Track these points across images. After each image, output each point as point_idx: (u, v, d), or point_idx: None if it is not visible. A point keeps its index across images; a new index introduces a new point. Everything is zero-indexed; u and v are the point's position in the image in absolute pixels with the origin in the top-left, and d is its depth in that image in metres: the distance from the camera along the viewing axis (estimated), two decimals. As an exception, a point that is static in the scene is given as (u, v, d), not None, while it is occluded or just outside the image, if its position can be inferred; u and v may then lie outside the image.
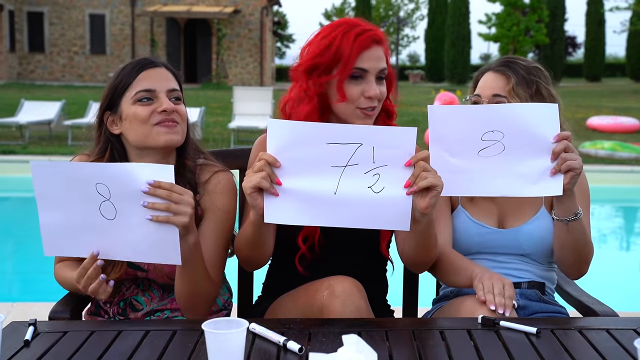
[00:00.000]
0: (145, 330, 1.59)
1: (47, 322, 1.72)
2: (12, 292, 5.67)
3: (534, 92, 1.99)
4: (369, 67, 1.80)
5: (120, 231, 1.61)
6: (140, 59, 1.88)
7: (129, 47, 29.56)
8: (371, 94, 1.79)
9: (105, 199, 1.60)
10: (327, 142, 1.56)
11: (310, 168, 1.58)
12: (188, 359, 1.43)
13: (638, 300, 5.21)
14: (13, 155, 10.62)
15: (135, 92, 1.81)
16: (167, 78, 1.86)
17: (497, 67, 2.04)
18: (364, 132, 1.57)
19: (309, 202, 1.59)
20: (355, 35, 1.79)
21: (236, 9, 28.86)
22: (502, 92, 1.99)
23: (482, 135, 1.71)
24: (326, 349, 1.39)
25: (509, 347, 1.50)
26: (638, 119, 15.18)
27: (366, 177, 1.57)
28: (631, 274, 6.44)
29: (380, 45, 1.84)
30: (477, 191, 1.79)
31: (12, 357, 1.44)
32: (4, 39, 28.30)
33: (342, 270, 1.79)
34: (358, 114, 1.82)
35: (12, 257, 6.85)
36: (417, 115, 16.56)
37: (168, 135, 1.80)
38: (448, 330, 1.60)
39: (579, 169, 1.70)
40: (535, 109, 1.74)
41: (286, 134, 1.58)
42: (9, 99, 17.07)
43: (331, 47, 1.80)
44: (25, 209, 9.08)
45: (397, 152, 1.56)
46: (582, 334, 1.58)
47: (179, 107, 1.84)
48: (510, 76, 1.99)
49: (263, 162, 1.56)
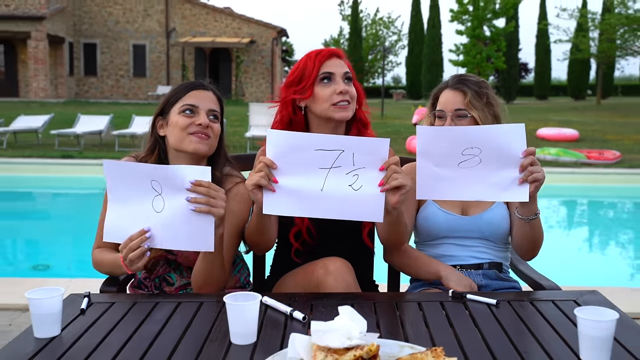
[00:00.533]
0: (177, 302, 1.59)
1: (99, 294, 1.73)
2: (70, 269, 5.68)
3: (485, 102, 1.98)
4: (334, 71, 1.85)
5: (165, 222, 1.60)
6: (195, 81, 1.89)
7: (164, 71, 29.56)
8: (341, 89, 1.81)
9: (158, 194, 1.60)
10: (315, 148, 1.56)
11: (301, 169, 1.58)
12: (212, 326, 1.43)
13: (577, 276, 5.22)
14: (71, 159, 10.62)
15: (182, 104, 1.82)
16: (211, 100, 1.86)
17: (454, 85, 2.01)
18: (346, 141, 1.57)
19: (300, 197, 1.59)
20: (316, 54, 1.87)
21: (252, 40, 28.85)
22: (462, 106, 1.97)
23: (462, 151, 1.67)
24: (325, 317, 1.39)
25: (474, 315, 1.50)
26: (577, 130, 15.17)
27: (347, 177, 1.57)
28: (572, 255, 6.45)
29: (340, 58, 1.89)
30: (456, 196, 1.76)
31: (70, 323, 1.45)
32: (65, 65, 28.30)
33: (333, 255, 1.78)
34: (333, 109, 1.82)
35: (71, 242, 6.86)
36: (399, 127, 16.55)
37: (198, 144, 1.80)
38: (424, 302, 1.60)
39: (542, 180, 1.67)
40: (506, 129, 1.69)
41: (282, 142, 1.58)
42: (68, 114, 17.05)
43: (299, 68, 1.87)
44: (81, 202, 9.09)
45: (373, 157, 1.56)
46: (532, 304, 1.58)
47: (214, 124, 1.84)
48: (466, 91, 1.97)
49: (262, 164, 1.57)
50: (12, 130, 12.29)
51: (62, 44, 27.98)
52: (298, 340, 1.16)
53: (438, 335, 1.37)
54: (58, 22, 27.61)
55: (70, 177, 9.93)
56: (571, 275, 5.16)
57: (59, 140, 12.02)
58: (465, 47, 29.43)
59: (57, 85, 28.01)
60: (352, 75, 1.89)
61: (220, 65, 29.72)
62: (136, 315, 1.50)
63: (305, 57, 1.89)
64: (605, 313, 1.24)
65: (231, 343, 1.32)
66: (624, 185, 9.99)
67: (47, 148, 11.79)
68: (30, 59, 26.40)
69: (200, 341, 1.34)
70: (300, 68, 1.87)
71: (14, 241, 7.06)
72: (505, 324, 1.44)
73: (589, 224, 8.46)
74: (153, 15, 29.54)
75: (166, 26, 29.40)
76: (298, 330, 1.36)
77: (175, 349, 1.31)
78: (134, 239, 1.61)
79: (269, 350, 1.27)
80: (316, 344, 1.14)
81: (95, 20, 29.53)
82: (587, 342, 1.23)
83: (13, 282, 3.93)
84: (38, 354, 1.28)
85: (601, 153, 11.36)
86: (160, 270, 1.91)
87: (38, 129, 12.50)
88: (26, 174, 10.04)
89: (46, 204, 9.33)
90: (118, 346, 1.32)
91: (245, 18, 29.58)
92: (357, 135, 1.90)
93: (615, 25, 28.12)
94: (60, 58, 28.05)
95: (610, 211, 9.13)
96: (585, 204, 9.49)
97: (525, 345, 1.32)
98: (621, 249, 7.24)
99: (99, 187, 2.23)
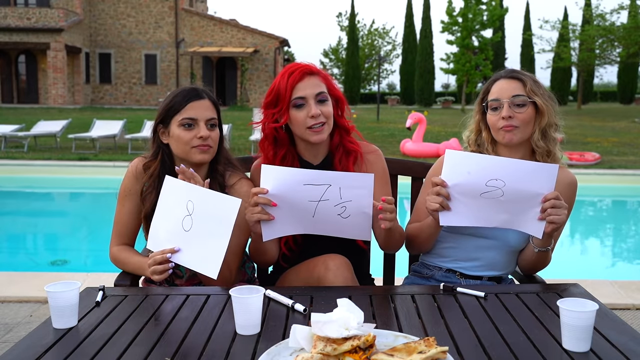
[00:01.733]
0: (186, 295, 1.59)
1: (113, 287, 1.72)
2: (87, 264, 5.68)
3: (545, 91, 1.81)
4: (306, 94, 1.77)
5: (188, 241, 1.62)
6: (190, 89, 1.85)
7: (174, 79, 29.52)
8: (313, 113, 1.76)
9: (189, 214, 1.61)
10: (303, 183, 1.55)
11: (292, 201, 1.58)
12: (219, 317, 1.43)
13: (560, 270, 5.20)
14: (87, 161, 10.61)
15: (182, 118, 1.80)
16: (208, 108, 1.83)
17: (509, 75, 1.82)
18: (333, 176, 1.56)
19: (293, 222, 1.62)
20: (289, 74, 1.78)
21: (256, 49, 28.82)
22: (522, 92, 1.78)
23: (486, 182, 1.59)
24: (324, 309, 1.39)
25: (463, 307, 1.50)
26: (562, 133, 15.12)
27: (336, 208, 1.57)
28: (555, 250, 6.42)
29: (313, 75, 1.80)
30: (474, 223, 1.67)
31: (86, 314, 1.44)
32: (81, 74, 28.28)
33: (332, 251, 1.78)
34: (309, 133, 1.79)
35: (87, 239, 6.85)
36: (394, 130, 16.55)
37: (202, 155, 1.80)
38: (417, 295, 1.59)
39: (559, 224, 1.59)
40: (539, 167, 1.57)
41: (273, 176, 1.57)
42: (84, 119, 17.04)
43: (274, 89, 1.81)
44: (97, 202, 9.09)
45: (360, 191, 1.55)
46: (518, 296, 1.57)
47: (213, 132, 1.83)
48: (525, 80, 1.79)
49: (257, 197, 1.57)
50: (33, 135, 12.27)
51: (79, 53, 27.98)
52: (299, 330, 1.16)
53: (430, 326, 1.37)
54: (75, 33, 27.60)
55: (87, 178, 9.92)
56: (554, 269, 5.14)
57: (75, 144, 12.00)
58: (455, 56, 29.44)
59: (74, 93, 28.00)
60: (326, 90, 1.80)
61: (226, 73, 29.72)
62: (148, 307, 1.50)
63: (279, 77, 1.81)
64: (585, 304, 1.24)
65: (236, 333, 1.32)
66: (603, 184, 9.97)
67: (65, 151, 11.77)
68: (49, 68, 26.42)
69: (207, 332, 1.34)
70: (275, 90, 1.79)
71: (34, 238, 7.06)
72: (492, 315, 1.44)
73: (571, 222, 8.42)
74: (164, 26, 29.53)
75: (176, 37, 29.38)
76: (299, 321, 1.37)
77: (184, 339, 1.31)
78: (164, 253, 1.64)
79: (272, 340, 1.27)
80: (316, 334, 1.14)
81: (109, 31, 29.51)
82: (569, 331, 1.23)
83: (33, 276, 3.93)
84: (57, 344, 1.28)
85: (582, 155, 11.34)
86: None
87: (57, 133, 12.48)
88: (45, 175, 10.03)
89: (64, 203, 9.32)
90: (131, 336, 1.32)
91: (249, 29, 29.55)
92: (339, 142, 1.87)
93: (594, 36, 28.12)
94: (77, 67, 28.05)
95: (590, 209, 9.12)
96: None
97: (511, 334, 1.32)
98: (601, 244, 7.24)
99: (113, 188, 2.23)
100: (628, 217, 8.77)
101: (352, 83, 36.78)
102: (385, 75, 48.33)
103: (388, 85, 63.05)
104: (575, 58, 31.93)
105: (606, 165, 10.85)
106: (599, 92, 45.17)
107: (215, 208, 1.57)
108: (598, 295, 1.64)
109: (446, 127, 17.85)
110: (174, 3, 29.28)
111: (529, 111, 1.79)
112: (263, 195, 1.57)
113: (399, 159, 2.21)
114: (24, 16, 26.45)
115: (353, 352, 1.11)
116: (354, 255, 1.86)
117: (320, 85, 1.80)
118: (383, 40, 44.35)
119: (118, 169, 10.02)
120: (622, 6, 27.75)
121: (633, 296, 3.58)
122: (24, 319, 3.20)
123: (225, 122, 13.36)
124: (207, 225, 1.58)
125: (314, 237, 1.69)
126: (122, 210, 1.89)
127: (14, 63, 27.83)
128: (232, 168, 1.91)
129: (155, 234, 1.71)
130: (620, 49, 28.34)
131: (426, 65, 34.63)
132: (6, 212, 8.14)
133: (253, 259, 1.88)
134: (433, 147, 11.13)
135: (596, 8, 31.51)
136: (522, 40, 38.66)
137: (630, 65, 34.02)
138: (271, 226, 1.61)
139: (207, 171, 1.87)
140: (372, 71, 43.98)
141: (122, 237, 1.89)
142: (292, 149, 1.88)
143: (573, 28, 32.58)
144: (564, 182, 1.80)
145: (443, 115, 24.26)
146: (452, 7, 28.92)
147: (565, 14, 36.63)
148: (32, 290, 3.55)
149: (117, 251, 1.89)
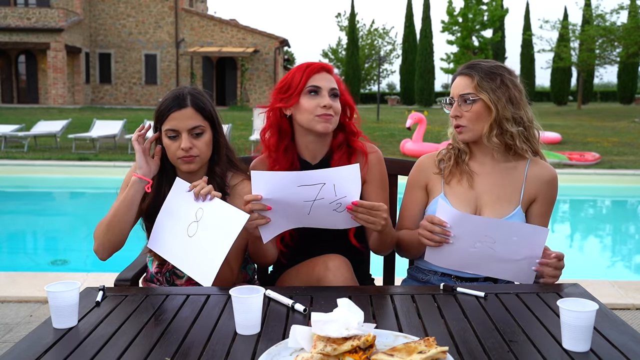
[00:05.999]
0: (186, 295, 1.59)
1: (113, 287, 1.72)
2: (87, 264, 5.67)
3: (499, 84, 1.75)
4: (321, 85, 1.80)
5: (189, 246, 1.63)
6: (174, 98, 1.79)
7: (174, 79, 29.52)
8: (325, 103, 1.77)
9: (196, 221, 1.62)
10: (297, 185, 1.55)
11: (287, 203, 1.58)
12: (219, 317, 1.43)
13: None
14: (87, 161, 10.61)
15: (166, 129, 1.78)
16: (191, 117, 1.76)
17: (462, 71, 1.82)
18: (325, 173, 1.56)
19: (290, 221, 1.64)
20: (307, 66, 1.82)
21: (256, 49, 28.82)
22: (468, 90, 1.76)
23: (479, 238, 1.63)
24: (325, 309, 1.39)
25: (463, 307, 1.50)
26: (559, 133, 15.17)
27: (331, 205, 1.58)
28: (554, 250, 6.41)
29: (329, 73, 1.83)
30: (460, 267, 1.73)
31: (86, 314, 1.44)
32: (81, 74, 28.29)
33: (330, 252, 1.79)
34: (317, 120, 1.79)
35: (87, 239, 6.85)
36: (394, 130, 16.55)
37: (187, 166, 1.79)
38: (417, 294, 1.59)
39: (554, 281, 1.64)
40: (529, 230, 1.63)
41: (265, 181, 1.57)
42: (84, 119, 17.04)
43: (288, 77, 1.84)
44: (97, 202, 9.08)
45: (350, 183, 1.55)
46: (518, 296, 1.57)
47: (198, 141, 1.77)
48: (474, 75, 1.76)
49: (251, 206, 1.57)
50: (33, 135, 12.27)
51: (79, 53, 27.97)
52: (299, 330, 1.16)
53: (430, 326, 1.37)
54: (75, 33, 27.60)
55: (87, 178, 9.92)
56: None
57: (75, 144, 11.99)
58: (455, 55, 29.49)
59: (74, 93, 28.00)
60: (339, 92, 1.83)
61: (226, 73, 29.72)
62: (148, 307, 1.50)
63: (296, 68, 1.84)
64: (585, 304, 1.24)
65: (236, 333, 1.32)
66: (603, 184, 9.97)
67: (65, 151, 11.77)
68: (49, 68, 26.42)
69: (207, 331, 1.34)
70: (289, 78, 1.83)
71: (34, 238, 7.06)
72: (492, 315, 1.44)
73: (571, 222, 8.45)
74: (164, 26, 29.52)
75: (176, 37, 29.37)
76: (299, 321, 1.36)
77: (184, 339, 1.31)
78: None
79: (272, 340, 1.27)
80: (316, 334, 1.14)
81: (109, 31, 29.52)
82: (569, 331, 1.23)
83: (33, 276, 3.93)
84: (57, 344, 1.28)
85: (582, 155, 11.34)
86: (170, 264, 1.90)
87: (57, 133, 12.48)
88: (45, 175, 10.03)
89: (64, 203, 9.32)
90: (131, 336, 1.32)
91: (249, 29, 29.56)
92: (345, 144, 1.87)
93: (594, 36, 28.13)
94: (77, 67, 28.05)
95: (590, 209, 9.13)
96: (568, 203, 9.48)
97: (511, 334, 1.32)
98: (601, 244, 7.24)
99: (114, 188, 2.23)
100: (628, 217, 8.77)
101: (352, 83, 36.75)
102: (385, 75, 48.38)
103: (388, 85, 63.18)
104: (575, 58, 31.95)
105: (606, 165, 10.85)
106: (599, 92, 45.20)
107: (222, 218, 1.58)
108: (598, 295, 1.64)
109: (446, 127, 17.76)
110: (174, 3, 29.29)
111: (475, 108, 1.76)
112: (258, 202, 1.57)
113: (399, 159, 2.21)
114: (24, 16, 26.45)
115: (353, 352, 1.11)
116: (353, 255, 1.86)
117: (334, 82, 1.84)
118: (383, 41, 44.33)
119: (118, 169, 10.02)
120: (622, 6, 27.78)
121: (633, 296, 3.58)
122: (24, 319, 3.20)
123: (226, 122, 13.39)
124: (210, 234, 1.59)
125: (310, 230, 1.70)
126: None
127: (14, 63, 27.85)
128: (235, 169, 1.91)
129: (157, 233, 1.71)
130: (620, 49, 28.35)
131: (426, 65, 34.63)
132: (6, 212, 8.14)
133: (253, 260, 1.88)
134: (433, 147, 11.13)
135: (596, 8, 31.53)
136: (522, 40, 38.67)
137: (630, 65, 34.04)
138: (269, 227, 1.62)
139: (206, 173, 1.86)
140: (372, 71, 43.96)
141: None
142: (292, 145, 1.89)
143: (573, 28, 32.62)
144: (542, 179, 1.82)
145: (443, 115, 24.19)
146: (452, 7, 28.94)
147: (565, 14, 36.63)
148: (32, 290, 3.56)
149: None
